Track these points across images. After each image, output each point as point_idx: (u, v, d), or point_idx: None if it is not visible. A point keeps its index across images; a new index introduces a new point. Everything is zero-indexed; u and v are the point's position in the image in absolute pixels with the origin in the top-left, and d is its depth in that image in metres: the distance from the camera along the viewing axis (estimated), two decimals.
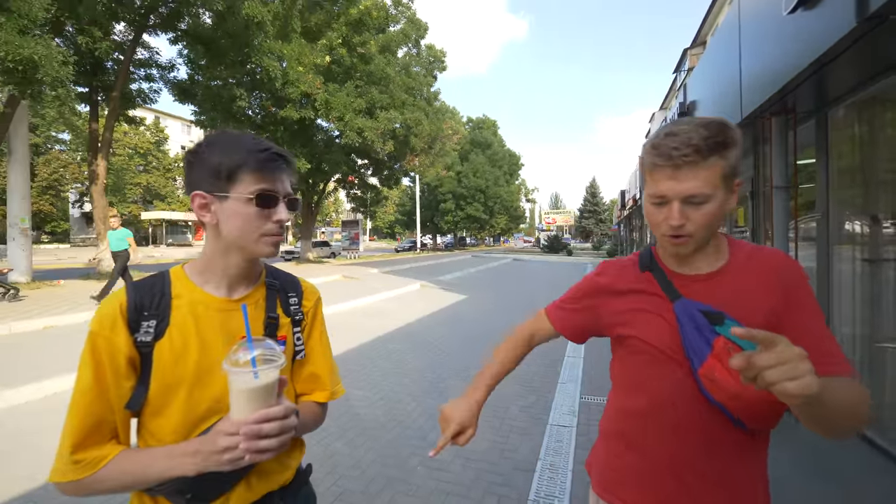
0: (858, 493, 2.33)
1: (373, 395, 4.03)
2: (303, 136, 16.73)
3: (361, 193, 23.74)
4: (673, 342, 0.83)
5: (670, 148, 0.76)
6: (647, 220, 0.86)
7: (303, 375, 0.94)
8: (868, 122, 3.02)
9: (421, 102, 18.95)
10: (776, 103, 3.25)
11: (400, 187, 44.44)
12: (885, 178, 2.84)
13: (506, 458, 2.91)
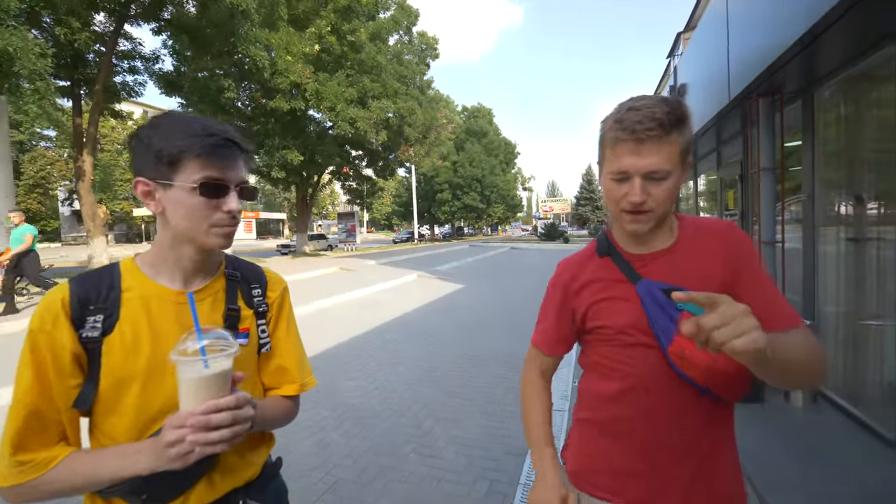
0: (848, 470, 2.37)
1: (368, 385, 4.06)
2: (294, 127, 16.50)
3: (357, 185, 23.61)
4: (640, 324, 0.83)
5: (633, 122, 0.76)
6: (604, 198, 0.85)
7: (270, 368, 0.90)
8: (854, 101, 3.01)
9: (414, 91, 18.73)
10: (763, 83, 3.23)
11: (396, 178, 44.29)
12: (870, 157, 2.84)
13: (499, 443, 2.96)
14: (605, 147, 0.83)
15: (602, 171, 0.85)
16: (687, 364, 0.78)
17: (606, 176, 0.83)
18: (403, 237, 39.49)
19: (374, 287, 10.17)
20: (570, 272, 0.95)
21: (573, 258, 0.97)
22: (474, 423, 3.26)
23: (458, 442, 2.96)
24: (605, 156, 0.83)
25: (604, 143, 0.83)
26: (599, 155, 0.87)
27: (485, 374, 4.29)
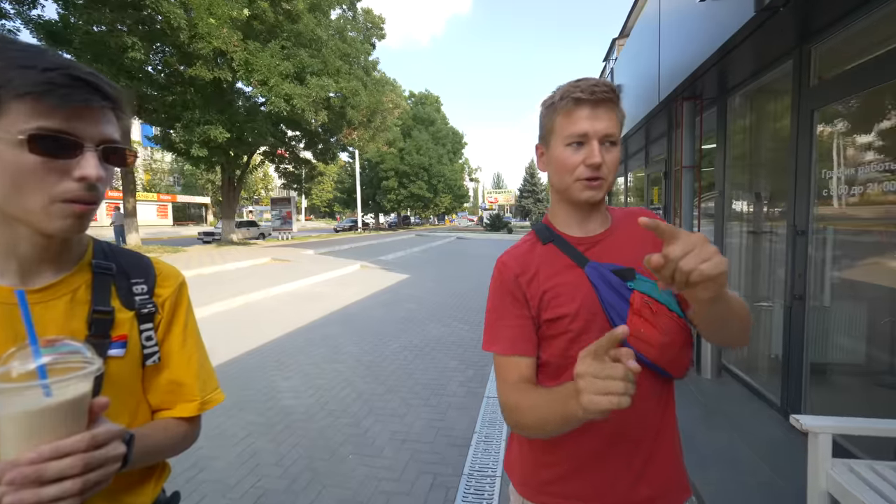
0: (746, 431, 2.67)
1: (302, 384, 3.89)
2: (219, 100, 14.92)
3: (294, 168, 22.21)
4: (594, 307, 0.81)
5: (590, 85, 0.78)
6: (555, 171, 0.84)
7: (160, 384, 0.73)
8: (757, 110, 3.34)
9: (358, 71, 17.84)
10: (686, 89, 3.49)
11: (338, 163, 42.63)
12: (766, 159, 3.18)
13: (442, 435, 2.97)
14: (555, 116, 0.82)
15: (550, 143, 0.84)
16: (642, 343, 0.78)
17: (560, 144, 0.82)
18: (346, 226, 38.31)
19: (312, 278, 9.77)
20: (515, 265, 0.88)
21: (513, 252, 0.91)
22: (417, 416, 3.24)
23: (400, 438, 2.92)
24: (554, 126, 0.83)
25: (553, 113, 0.83)
26: (545, 130, 0.86)
27: (430, 366, 4.30)
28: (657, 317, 0.78)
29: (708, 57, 2.81)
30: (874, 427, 1.55)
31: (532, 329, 0.85)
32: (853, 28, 2.21)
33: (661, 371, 0.82)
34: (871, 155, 2.25)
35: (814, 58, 2.47)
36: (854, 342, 2.43)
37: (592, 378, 0.56)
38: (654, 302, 0.79)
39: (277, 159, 21.26)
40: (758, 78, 3.11)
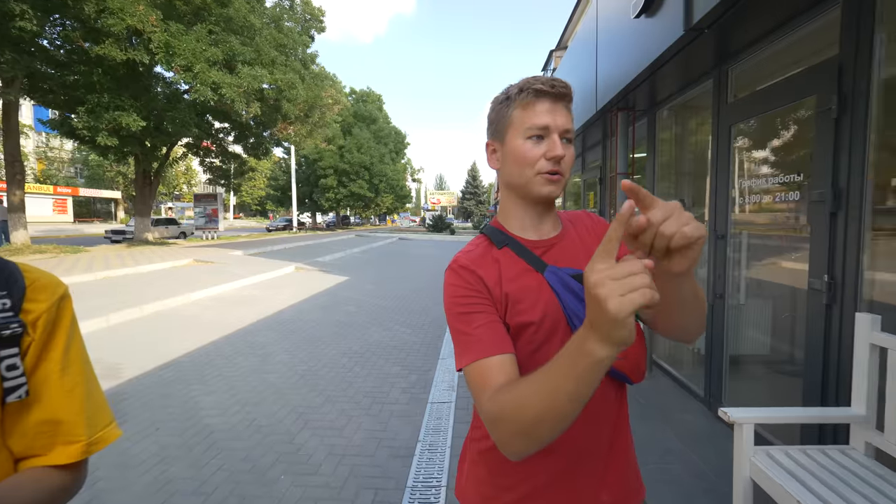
0: (674, 422, 2.85)
1: (228, 399, 3.54)
2: (133, 84, 13.39)
3: (221, 163, 20.62)
4: (556, 315, 0.77)
5: (549, 80, 0.76)
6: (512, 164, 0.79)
7: (28, 425, 0.58)
8: (681, 123, 3.62)
9: (295, 63, 16.94)
10: (621, 100, 3.68)
11: (271, 158, 40.48)
12: (690, 168, 3.46)
13: (384, 446, 2.83)
14: (511, 110, 0.79)
15: (507, 137, 0.80)
16: None
17: (519, 137, 0.78)
18: (279, 225, 36.37)
19: (241, 281, 9.08)
20: (476, 268, 0.79)
21: (469, 255, 0.82)
22: (357, 428, 3.08)
23: (339, 453, 2.74)
24: (512, 119, 0.79)
25: (509, 107, 0.79)
26: (499, 124, 0.81)
27: (370, 373, 4.13)
28: None
29: (641, 71, 2.98)
30: (788, 416, 1.69)
31: (503, 331, 0.75)
32: (762, 53, 2.45)
33: (622, 377, 0.80)
34: (774, 168, 2.50)
35: (731, 78, 2.70)
36: (763, 336, 2.69)
37: (612, 281, 0.47)
38: None
39: (202, 152, 19.56)
40: (683, 93, 3.36)
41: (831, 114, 1.85)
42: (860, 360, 1.64)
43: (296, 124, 18.91)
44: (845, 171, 1.82)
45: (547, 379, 0.58)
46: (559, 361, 0.57)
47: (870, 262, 1.79)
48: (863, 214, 1.77)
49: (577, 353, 0.53)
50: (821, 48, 2.00)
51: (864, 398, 1.63)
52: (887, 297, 1.76)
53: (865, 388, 1.62)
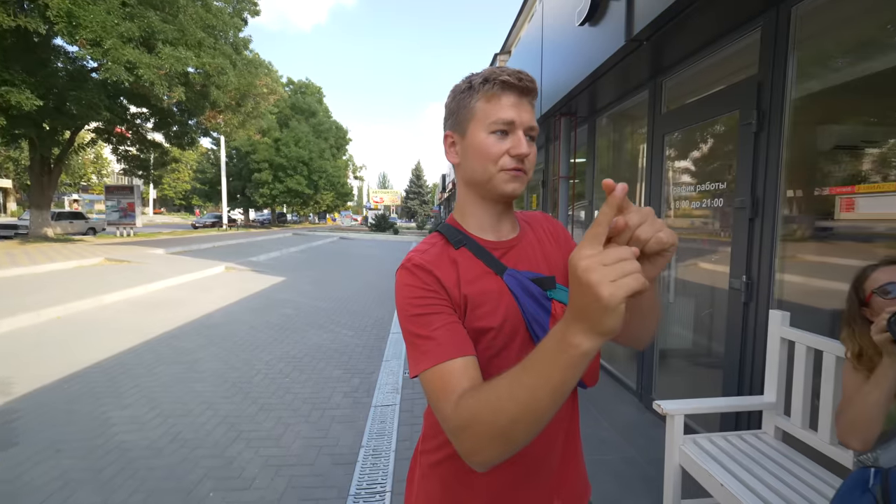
0: (609, 414, 3.00)
1: (146, 412, 3.18)
2: (25, 56, 11.62)
3: (139, 152, 18.62)
4: (516, 320, 0.74)
5: (515, 72, 0.72)
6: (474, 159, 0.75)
7: None
8: (619, 130, 3.83)
9: (225, 47, 15.63)
10: (564, 106, 3.82)
11: (199, 149, 37.43)
12: (626, 174, 3.67)
13: (325, 454, 2.69)
14: (474, 101, 0.75)
15: (469, 130, 0.75)
16: None
17: (482, 131, 0.74)
18: (207, 221, 33.71)
19: (162, 282, 8.26)
20: (433, 267, 0.73)
21: (425, 255, 0.76)
22: (295, 436, 2.90)
23: (275, 464, 2.56)
24: (475, 112, 0.74)
25: (472, 98, 0.75)
26: (461, 116, 0.76)
27: (310, 378, 3.92)
28: None
29: (583, 79, 3.10)
30: (712, 405, 1.83)
31: (463, 332, 0.69)
32: (693, 69, 2.65)
33: (579, 383, 0.78)
34: (701, 176, 2.72)
35: (665, 90, 2.90)
36: (689, 332, 2.91)
37: (603, 266, 0.45)
38: None
39: (116, 139, 17.51)
40: (621, 102, 3.56)
41: (752, 128, 2.04)
42: (772, 353, 1.81)
43: (226, 113, 17.56)
44: (762, 181, 2.02)
45: (524, 377, 0.53)
46: (538, 357, 0.53)
47: (780, 264, 1.99)
48: (776, 221, 1.97)
49: (558, 346, 0.50)
50: (744, 67, 2.20)
51: (774, 387, 1.81)
52: (794, 296, 1.97)
53: (776, 377, 1.80)
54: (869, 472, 1.02)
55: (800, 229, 1.94)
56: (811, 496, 1.43)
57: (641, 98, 3.18)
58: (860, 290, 1.18)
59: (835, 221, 1.79)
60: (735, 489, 1.48)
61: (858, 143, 1.78)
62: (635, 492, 2.20)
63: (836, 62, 1.83)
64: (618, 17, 2.45)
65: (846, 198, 1.74)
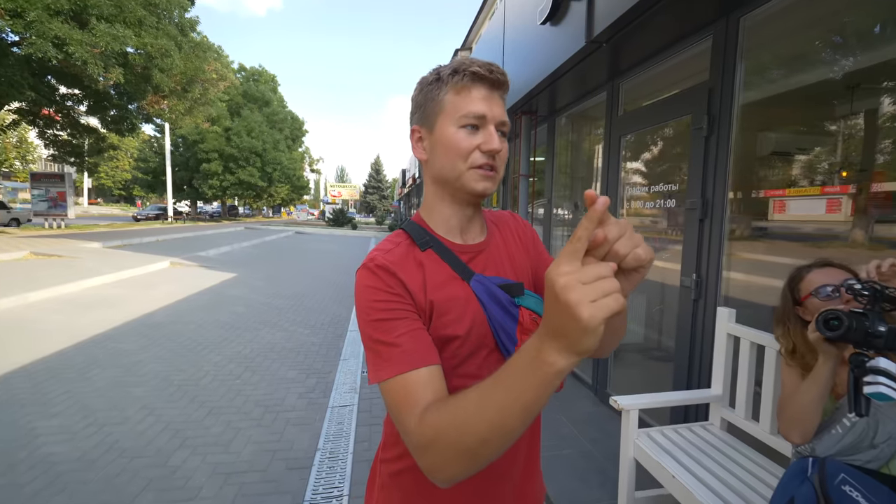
0: (567, 409, 3.07)
1: (78, 421, 2.92)
2: None
3: (70, 137, 17.00)
4: (483, 328, 0.70)
5: (486, 65, 0.69)
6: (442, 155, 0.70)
7: None
8: (577, 131, 3.92)
9: (170, 28, 14.53)
10: (524, 104, 3.84)
11: (140, 136, 34.86)
12: (584, 174, 3.77)
13: (278, 458, 2.58)
14: (443, 94, 0.70)
15: (437, 124, 0.71)
16: None
17: (451, 125, 0.69)
18: (151, 214, 31.54)
19: (98, 279, 7.62)
20: (397, 269, 0.68)
21: (389, 255, 0.71)
22: (247, 441, 2.75)
23: (224, 471, 2.42)
24: (444, 105, 0.70)
25: (441, 90, 0.70)
26: (429, 109, 0.72)
27: (263, 379, 3.74)
28: None
29: (544, 78, 3.13)
30: (665, 400, 1.90)
31: (428, 339, 0.65)
32: (649, 72, 2.74)
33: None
34: (655, 177, 2.83)
35: (622, 92, 2.98)
36: (643, 328, 3.03)
37: (583, 285, 0.42)
38: (539, 318, 0.72)
39: (42, 122, 15.89)
40: (580, 103, 3.63)
41: (702, 132, 2.13)
42: (719, 348, 1.91)
43: (171, 99, 16.38)
44: (711, 183, 2.11)
45: (494, 394, 0.50)
46: (509, 374, 0.50)
47: (727, 262, 2.10)
48: (724, 222, 2.07)
49: (532, 364, 0.47)
50: (696, 73, 2.29)
51: (721, 380, 1.90)
52: (740, 292, 2.09)
53: (723, 371, 1.90)
54: (807, 462, 1.07)
55: (743, 229, 2.05)
56: (754, 484, 1.52)
57: (600, 99, 3.26)
58: (795, 290, 1.23)
59: (770, 222, 1.91)
60: (686, 480, 1.54)
61: (792, 149, 1.91)
62: (592, 485, 2.25)
63: (776, 73, 1.94)
64: (578, 18, 2.48)
65: (778, 200, 1.87)
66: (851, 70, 1.62)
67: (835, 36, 1.72)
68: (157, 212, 31.81)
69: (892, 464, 1.03)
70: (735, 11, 1.98)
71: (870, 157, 1.55)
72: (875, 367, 0.88)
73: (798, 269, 1.25)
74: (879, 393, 0.86)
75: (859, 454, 1.05)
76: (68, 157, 17.66)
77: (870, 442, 1.04)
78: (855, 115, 1.62)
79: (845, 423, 1.08)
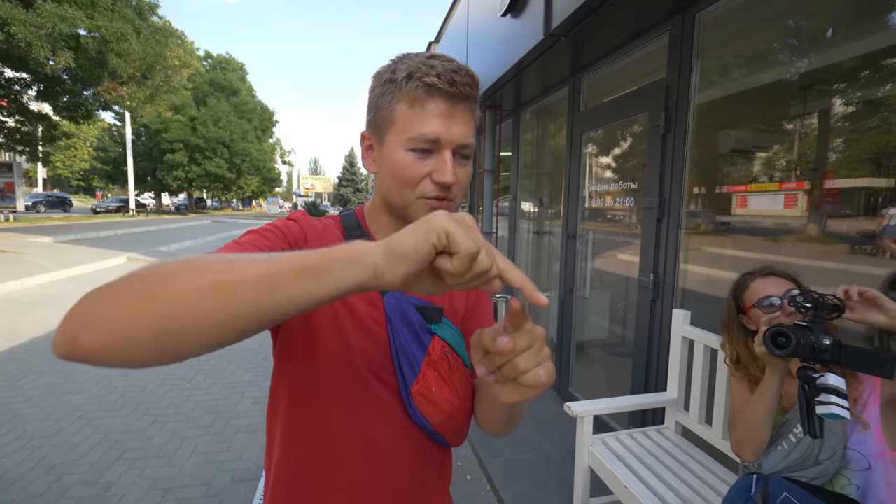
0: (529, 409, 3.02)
1: (3, 434, 2.69)
2: None
3: (19, 124, 15.97)
4: (379, 353, 0.61)
5: (450, 70, 0.55)
6: (388, 177, 0.59)
7: None
8: (542, 126, 3.86)
9: (127, 10, 13.77)
10: (489, 98, 3.75)
11: (98, 124, 33.09)
12: (548, 170, 3.72)
13: (224, 469, 2.44)
14: (396, 102, 0.58)
15: (386, 138, 0.58)
16: (432, 406, 0.61)
17: (400, 146, 0.57)
18: (111, 206, 30.02)
19: (45, 276, 7.17)
20: (314, 235, 0.63)
21: (318, 223, 0.65)
22: (192, 452, 2.59)
23: (163, 486, 2.26)
24: (395, 116, 0.58)
25: (394, 96, 0.57)
26: (379, 116, 0.59)
27: (215, 384, 3.55)
28: (453, 373, 0.63)
29: (506, 71, 3.04)
30: (618, 405, 1.86)
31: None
32: (609, 68, 2.69)
33: (440, 440, 0.67)
34: (618, 175, 2.79)
35: (583, 88, 2.92)
36: (602, 324, 3.00)
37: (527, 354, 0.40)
38: (452, 354, 0.63)
39: None
40: (544, 97, 3.56)
41: (660, 130, 2.09)
42: (675, 351, 1.87)
43: (129, 85, 15.53)
44: (668, 182, 2.08)
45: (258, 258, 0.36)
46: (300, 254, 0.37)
47: (685, 258, 2.07)
48: (680, 222, 2.04)
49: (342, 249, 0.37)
50: (655, 70, 2.24)
51: (676, 383, 1.87)
52: (697, 290, 2.07)
53: (678, 374, 1.87)
54: (752, 479, 1.03)
55: (707, 225, 2.03)
56: (706, 493, 1.49)
57: (562, 94, 3.19)
58: (739, 298, 1.20)
59: (732, 217, 1.89)
60: (637, 490, 1.49)
61: (749, 147, 1.90)
62: (549, 491, 2.21)
63: (734, 71, 1.92)
64: (537, 11, 2.39)
65: (740, 195, 1.85)
66: (805, 70, 1.62)
67: (789, 38, 1.71)
68: (118, 204, 30.28)
69: (835, 480, 1.00)
70: (691, 7, 1.93)
71: (823, 155, 1.56)
72: (825, 386, 0.86)
73: (742, 277, 1.21)
74: (832, 413, 0.84)
75: (804, 471, 1.01)
76: (17, 145, 16.54)
77: (815, 458, 1.00)
78: (809, 114, 1.62)
79: (791, 440, 1.04)
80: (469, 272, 0.34)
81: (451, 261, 0.34)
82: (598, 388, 2.95)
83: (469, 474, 2.43)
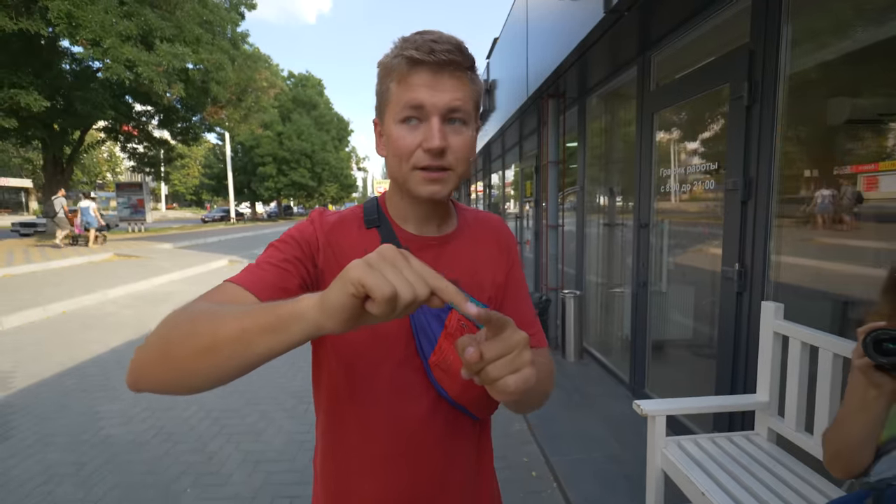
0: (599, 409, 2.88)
1: (135, 406, 3.20)
2: (34, 59, 11.79)
3: (146, 149, 18.91)
4: (401, 328, 0.64)
5: (429, 41, 0.58)
6: (390, 155, 0.63)
7: None
8: (610, 111, 3.64)
9: (223, 43, 15.61)
10: (551, 86, 3.63)
11: (204, 145, 37.59)
12: (619, 157, 3.49)
13: (306, 450, 2.66)
14: (389, 81, 0.61)
15: (385, 118, 0.63)
16: (446, 375, 0.64)
17: (393, 120, 0.60)
18: (216, 216, 34.11)
19: (166, 276, 8.36)
20: (327, 231, 0.67)
21: (334, 217, 0.70)
22: (278, 431, 2.87)
23: (254, 459, 2.54)
24: (389, 95, 0.61)
25: (388, 77, 0.61)
26: (380, 100, 0.64)
27: (300, 371, 3.89)
28: None
29: (567, 56, 2.91)
30: (696, 405, 1.70)
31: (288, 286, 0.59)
32: (682, 41, 2.46)
33: (464, 411, 0.68)
34: (695, 158, 2.54)
35: (654, 65, 2.70)
36: (683, 323, 2.76)
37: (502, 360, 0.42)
38: (470, 326, 0.63)
39: (124, 137, 17.75)
40: (611, 81, 3.36)
41: (743, 101, 1.86)
42: (764, 348, 1.66)
43: (228, 108, 17.60)
44: (755, 160, 1.85)
45: (231, 310, 0.45)
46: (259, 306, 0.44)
47: (776, 250, 1.83)
48: (770, 203, 1.80)
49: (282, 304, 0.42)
50: (735, 37, 2.00)
51: (767, 385, 1.66)
52: (794, 285, 1.81)
53: (769, 375, 1.66)
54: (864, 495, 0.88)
55: (797, 211, 1.77)
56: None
57: (630, 75, 2.98)
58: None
59: (855, 203, 1.59)
60: (717, 499, 1.35)
61: (871, 116, 1.58)
62: (618, 493, 2.09)
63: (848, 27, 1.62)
64: None
65: (868, 176, 1.55)
66: None
67: None
68: (221, 214, 34.35)
69: None
70: None
71: None
72: None
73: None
74: None
75: None
76: (145, 167, 19.61)
77: None
78: None
79: None
80: (394, 311, 0.36)
81: (374, 305, 0.36)
82: (678, 390, 2.71)
83: (535, 471, 2.39)
